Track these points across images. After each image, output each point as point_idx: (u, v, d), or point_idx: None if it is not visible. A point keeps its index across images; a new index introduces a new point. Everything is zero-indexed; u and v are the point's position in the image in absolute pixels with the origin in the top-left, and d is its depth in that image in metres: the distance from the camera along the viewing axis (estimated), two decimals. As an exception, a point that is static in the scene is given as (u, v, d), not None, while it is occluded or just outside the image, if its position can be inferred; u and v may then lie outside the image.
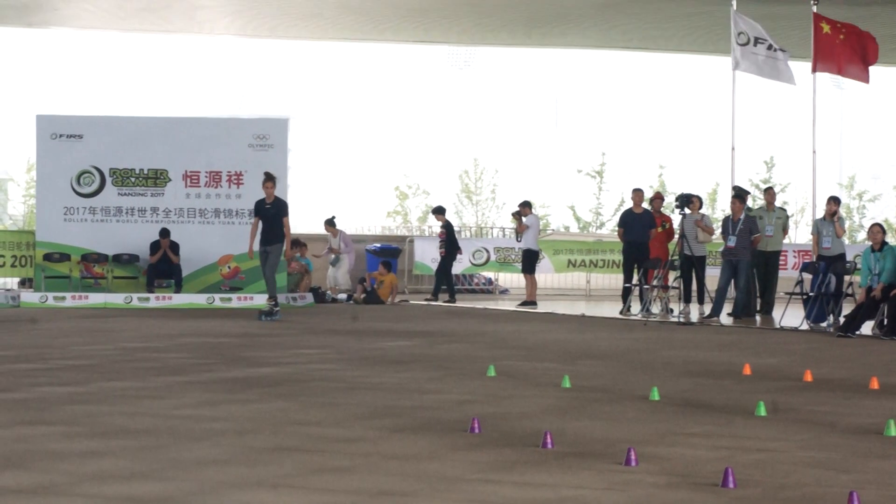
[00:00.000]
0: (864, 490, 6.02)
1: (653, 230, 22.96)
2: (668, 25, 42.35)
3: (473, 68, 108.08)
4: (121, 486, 6.18)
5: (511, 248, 30.11)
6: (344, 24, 41.54)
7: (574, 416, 8.92)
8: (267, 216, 20.03)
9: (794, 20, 29.85)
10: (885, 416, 8.45)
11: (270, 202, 20.07)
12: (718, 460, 6.92)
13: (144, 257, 24.50)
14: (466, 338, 16.75)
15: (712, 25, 38.98)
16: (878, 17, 37.13)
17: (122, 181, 24.81)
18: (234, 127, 25.56)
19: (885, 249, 18.07)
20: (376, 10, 38.48)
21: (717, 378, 11.75)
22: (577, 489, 6.18)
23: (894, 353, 15.29)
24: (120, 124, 25.55)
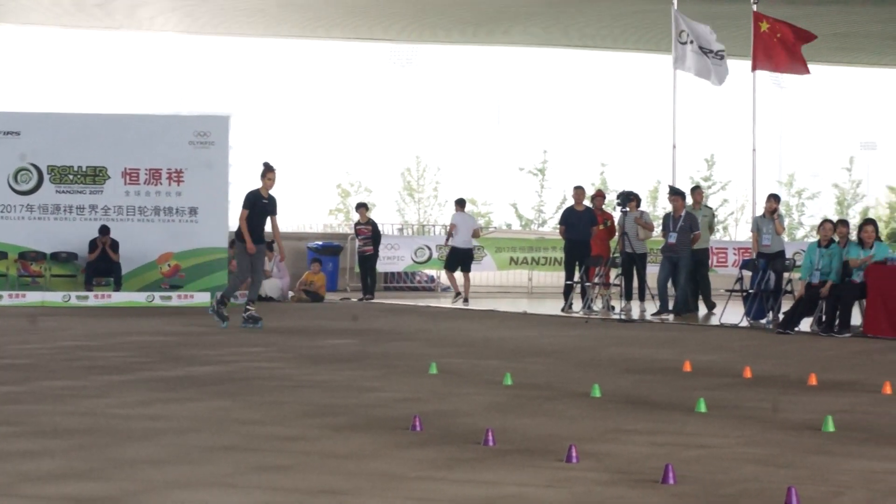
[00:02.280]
0: (802, 485, 6.06)
1: (594, 228, 23.03)
2: (610, 24, 42.57)
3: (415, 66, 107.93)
4: (59, 486, 6.12)
5: (454, 246, 30.05)
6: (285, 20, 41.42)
7: (516, 413, 8.93)
8: (263, 212, 17.89)
9: (734, 19, 30.03)
10: (822, 412, 8.52)
11: (267, 197, 17.92)
12: (659, 457, 6.95)
13: (83, 255, 24.28)
14: (408, 336, 16.74)
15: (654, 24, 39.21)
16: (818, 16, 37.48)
17: (60, 178, 24.57)
18: (175, 124, 25.37)
19: (833, 248, 18.18)
20: (318, 7, 38.40)
21: (657, 375, 11.81)
22: (519, 486, 6.18)
23: (832, 349, 15.44)
24: (58, 121, 25.29)
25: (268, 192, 17.80)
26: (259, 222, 17.84)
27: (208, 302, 19.59)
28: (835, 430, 8.05)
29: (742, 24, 26.47)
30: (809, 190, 63.70)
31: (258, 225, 17.85)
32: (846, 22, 39.91)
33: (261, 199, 17.80)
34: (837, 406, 9.34)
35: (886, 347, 15.81)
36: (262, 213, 17.83)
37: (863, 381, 11.47)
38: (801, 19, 30.18)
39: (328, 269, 28.47)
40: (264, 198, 17.81)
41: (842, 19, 39.29)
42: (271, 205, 17.90)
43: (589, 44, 48.06)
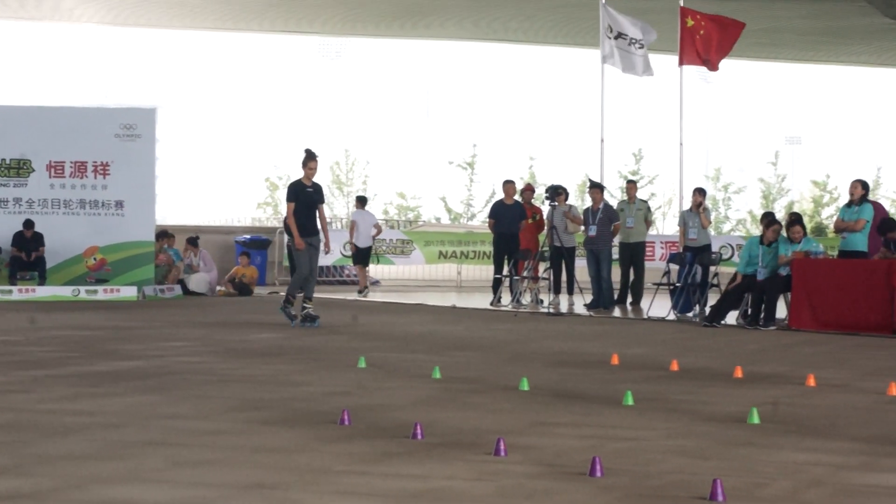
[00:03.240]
0: (727, 477, 6.12)
1: (523, 222, 23.10)
2: (539, 18, 42.69)
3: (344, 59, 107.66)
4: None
5: (382, 240, 30.09)
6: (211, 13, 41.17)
7: (444, 407, 8.93)
8: (309, 202, 16.84)
9: (662, 14, 30.23)
10: (748, 405, 8.60)
11: (311, 185, 16.85)
12: (586, 449, 6.98)
13: (7, 249, 23.97)
14: (336, 329, 16.70)
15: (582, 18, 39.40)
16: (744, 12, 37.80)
17: (-17, 171, 24.24)
18: (101, 116, 25.10)
19: (774, 246, 18.34)
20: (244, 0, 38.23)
21: (585, 368, 11.87)
22: (447, 480, 6.18)
23: (758, 342, 15.59)
24: (-19, 113, 24.95)
25: (311, 180, 16.83)
26: (307, 214, 16.87)
27: (135, 296, 19.29)
28: (760, 422, 8.13)
29: (669, 18, 26.65)
30: (736, 184, 64.32)
31: (307, 217, 16.87)
32: (772, 17, 40.33)
33: (304, 188, 16.81)
34: (762, 398, 9.43)
35: (810, 340, 16.00)
36: (309, 203, 16.85)
37: (787, 373, 11.59)
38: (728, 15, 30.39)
39: (256, 263, 28.36)
40: (308, 186, 16.82)
41: (767, 14, 39.70)
42: (317, 193, 16.94)
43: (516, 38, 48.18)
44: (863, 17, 40.67)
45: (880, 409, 9.12)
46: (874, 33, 43.76)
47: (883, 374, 11.26)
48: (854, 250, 18.63)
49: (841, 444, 7.43)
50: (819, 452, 7.11)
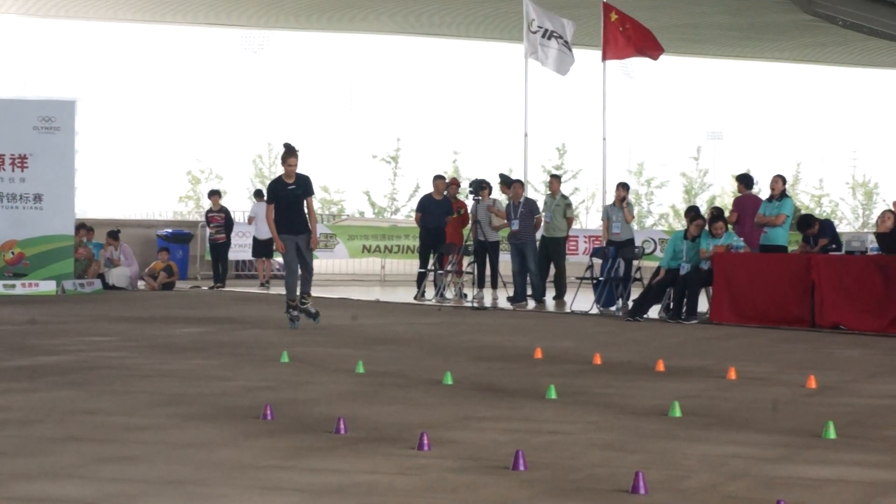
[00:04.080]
0: (649, 470, 6.15)
1: (448, 217, 23.10)
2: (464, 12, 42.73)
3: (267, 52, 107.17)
4: None
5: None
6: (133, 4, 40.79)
7: (368, 401, 8.91)
8: (291, 199, 15.82)
9: (585, 8, 30.39)
10: (670, 398, 8.66)
11: (293, 181, 15.84)
12: (510, 443, 6.99)
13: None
14: (259, 324, 16.62)
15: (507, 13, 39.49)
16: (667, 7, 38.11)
17: None
18: (18, 108, 24.71)
19: (698, 241, 18.49)
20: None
21: (509, 362, 11.89)
22: (370, 474, 6.17)
23: (680, 335, 15.72)
24: None
25: (292, 176, 15.78)
26: (291, 211, 15.80)
27: (54, 290, 18.77)
28: (681, 415, 8.19)
29: (593, 13, 26.79)
30: (658, 179, 64.78)
31: (291, 215, 15.81)
32: (694, 13, 40.69)
33: (285, 186, 15.81)
34: (684, 392, 9.51)
35: (731, 333, 16.15)
36: (292, 200, 15.81)
37: (709, 366, 11.69)
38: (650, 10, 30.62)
39: (178, 257, 28.13)
40: (290, 183, 15.80)
41: (689, 10, 40.05)
42: (301, 187, 15.85)
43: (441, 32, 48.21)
44: (783, 14, 41.14)
45: (800, 401, 9.22)
46: (794, 29, 44.28)
47: (802, 367, 11.38)
48: (774, 245, 18.85)
49: (761, 436, 7.49)
50: (739, 445, 7.17)
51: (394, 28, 47.62)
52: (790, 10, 40.72)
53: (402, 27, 46.78)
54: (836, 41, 47.28)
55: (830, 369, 11.50)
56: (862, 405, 9.03)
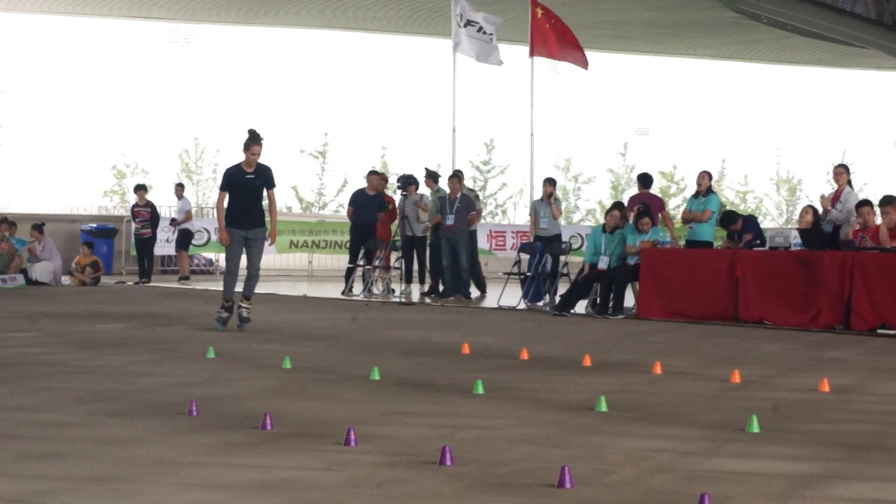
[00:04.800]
0: (575, 464, 6.17)
1: (381, 214, 23.07)
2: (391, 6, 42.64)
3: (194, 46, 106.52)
4: None
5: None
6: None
7: (294, 397, 8.88)
8: (247, 189, 14.69)
9: (512, 4, 30.43)
10: (596, 393, 8.70)
11: (253, 170, 14.67)
12: (437, 438, 6.99)
13: None
14: (186, 320, 16.50)
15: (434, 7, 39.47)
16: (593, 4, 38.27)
17: None
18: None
19: (617, 233, 18.62)
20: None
21: (436, 357, 11.90)
22: (296, 470, 6.14)
23: (606, 330, 15.81)
24: None
25: (252, 166, 14.62)
26: (247, 203, 14.73)
27: None
28: (607, 409, 8.23)
29: (522, 8, 26.85)
30: (585, 174, 65.07)
31: (245, 207, 14.74)
32: (620, 10, 40.88)
33: (243, 174, 14.65)
34: (610, 386, 9.56)
35: (658, 328, 16.27)
36: (249, 191, 14.72)
37: (634, 361, 11.76)
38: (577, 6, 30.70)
39: (103, 252, 27.88)
40: (249, 172, 14.65)
41: (615, 7, 40.23)
42: (260, 178, 14.71)
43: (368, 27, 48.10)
44: (709, 11, 41.46)
45: (724, 395, 9.30)
46: (719, 27, 44.63)
47: (727, 362, 11.49)
48: (700, 240, 19.02)
49: (685, 430, 7.55)
50: (664, 439, 7.22)
51: (321, 22, 47.44)
52: (715, 8, 41.04)
53: (330, 21, 46.61)
54: (761, 38, 47.72)
55: (754, 364, 11.61)
56: (784, 399, 9.13)
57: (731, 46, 50.46)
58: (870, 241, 16.40)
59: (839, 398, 9.20)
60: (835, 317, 15.97)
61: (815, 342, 14.41)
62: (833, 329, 15.88)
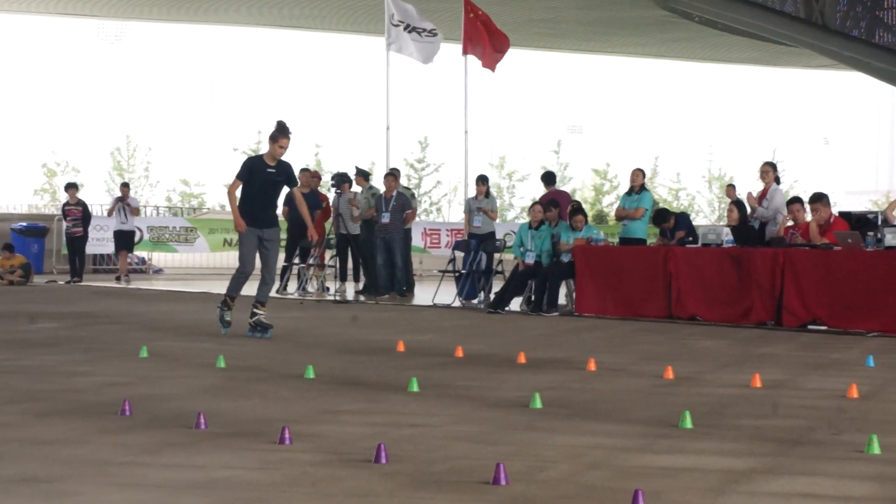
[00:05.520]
0: (510, 461, 6.18)
1: (317, 211, 23.02)
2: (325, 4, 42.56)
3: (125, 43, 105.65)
4: None
5: (165, 227, 29.68)
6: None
7: (228, 396, 8.83)
8: (266, 184, 13.58)
9: (446, 2, 30.48)
10: (530, 390, 8.74)
11: (275, 165, 13.61)
12: (371, 436, 6.98)
13: None
14: (118, 319, 16.37)
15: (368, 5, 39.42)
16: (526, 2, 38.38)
17: None
18: None
19: (543, 229, 18.73)
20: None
21: (371, 355, 11.89)
22: (230, 469, 6.11)
23: (540, 328, 15.86)
24: None
25: (276, 159, 13.58)
26: (264, 199, 13.65)
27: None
28: (542, 406, 8.26)
29: (454, 6, 26.90)
30: (519, 172, 65.31)
31: (262, 203, 13.65)
32: (552, 8, 41.07)
33: (265, 167, 13.54)
34: (545, 383, 9.59)
35: (592, 325, 16.35)
36: (268, 186, 13.60)
37: (569, 358, 11.81)
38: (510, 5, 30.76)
39: (33, 252, 27.61)
40: (270, 165, 13.57)
41: (548, 5, 40.40)
42: (282, 174, 13.64)
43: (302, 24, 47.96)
44: (641, 9, 41.75)
45: (657, 392, 9.36)
46: (652, 25, 44.97)
47: (660, 358, 11.57)
48: (634, 237, 19.14)
49: (619, 427, 7.59)
50: (598, 435, 7.25)
51: (254, 20, 47.25)
52: (647, 6, 41.35)
53: (265, 19, 46.44)
54: (693, 37, 48.15)
55: (687, 360, 11.71)
56: (717, 395, 9.20)
57: (663, 45, 50.87)
58: (800, 238, 16.59)
59: (770, 393, 9.29)
60: (766, 313, 16.13)
61: (747, 338, 14.55)
62: (764, 325, 16.05)
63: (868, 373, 10.80)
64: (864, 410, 8.45)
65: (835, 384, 9.80)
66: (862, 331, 15.02)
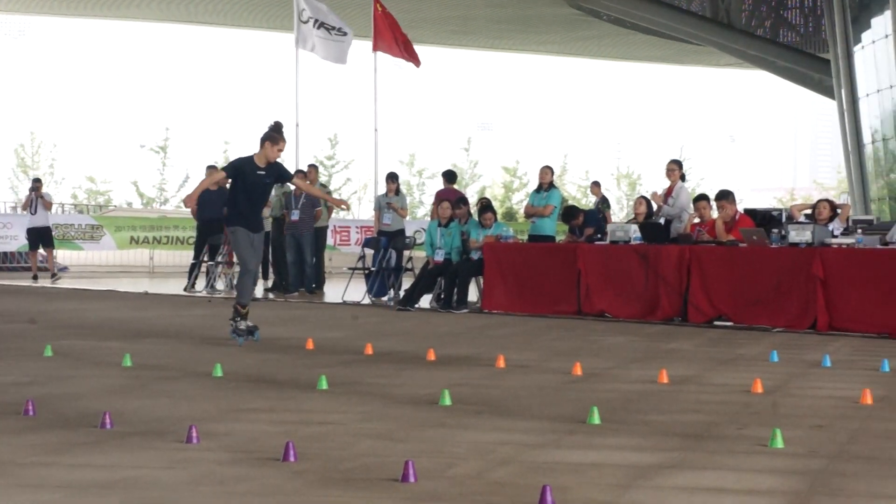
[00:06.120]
0: (419, 458, 6.21)
1: (226, 208, 22.89)
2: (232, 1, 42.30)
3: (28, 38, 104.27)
4: None
5: (71, 225, 29.32)
6: None
7: (135, 395, 8.76)
8: (255, 187, 12.86)
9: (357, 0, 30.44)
10: (440, 386, 8.77)
11: (265, 166, 12.82)
12: (280, 434, 6.97)
13: None
14: (21, 317, 16.15)
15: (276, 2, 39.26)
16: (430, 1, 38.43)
17: None
18: None
19: (452, 226, 18.79)
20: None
21: (280, 353, 11.86)
22: (137, 469, 6.06)
23: (450, 325, 15.90)
24: None
25: (267, 162, 12.81)
26: (252, 202, 12.94)
27: None
28: (451, 403, 8.29)
29: (364, 3, 26.85)
30: (430, 169, 65.39)
31: (250, 206, 12.95)
32: (462, 5, 41.18)
33: (254, 169, 12.78)
34: (454, 380, 9.62)
35: (501, 322, 16.42)
36: (257, 188, 12.88)
37: (478, 355, 11.85)
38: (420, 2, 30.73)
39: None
40: (260, 168, 12.80)
41: (458, 3, 40.50)
42: (271, 176, 12.93)
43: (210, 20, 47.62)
44: (550, 7, 42.00)
45: (565, 388, 9.43)
46: (561, 23, 45.26)
47: (569, 355, 11.66)
48: (543, 234, 19.25)
49: (528, 423, 7.64)
50: (507, 432, 7.29)
51: (163, 16, 46.83)
52: (557, 5, 41.60)
53: (173, 15, 46.05)
54: (601, 35, 48.53)
55: (595, 356, 11.80)
56: (624, 391, 9.29)
57: (572, 43, 51.20)
58: (706, 235, 16.79)
59: (677, 389, 9.40)
60: (673, 309, 16.30)
61: (655, 334, 14.70)
62: (671, 321, 16.22)
63: (772, 368, 10.95)
64: (767, 405, 8.58)
65: (740, 379, 9.94)
66: (766, 326, 15.24)
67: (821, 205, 16.80)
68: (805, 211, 17.89)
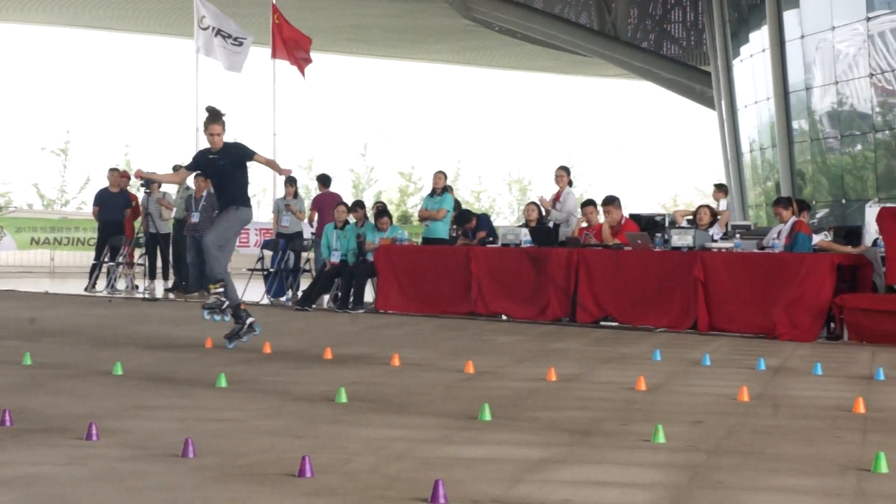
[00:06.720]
0: (316, 454, 6.32)
1: (127, 210, 22.92)
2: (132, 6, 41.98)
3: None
4: None
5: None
6: None
7: (35, 393, 8.79)
8: (213, 171, 12.88)
9: (256, 6, 30.41)
10: (336, 384, 8.91)
11: (218, 151, 12.81)
12: (179, 431, 7.05)
13: None
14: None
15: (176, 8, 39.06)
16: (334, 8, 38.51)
17: None
18: None
19: (348, 229, 18.97)
20: None
21: (180, 352, 11.92)
22: (35, 465, 6.10)
23: (347, 324, 16.05)
24: None
25: (216, 146, 12.76)
26: (215, 185, 13.04)
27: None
28: (347, 400, 8.42)
29: (263, 11, 26.90)
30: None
31: (215, 189, 13.13)
32: (358, 14, 41.27)
33: (206, 154, 12.87)
34: (350, 378, 9.78)
35: (397, 322, 16.60)
36: (214, 171, 12.84)
37: (374, 354, 12.01)
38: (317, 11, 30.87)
39: None
40: (212, 152, 12.78)
41: (354, 12, 40.59)
42: (225, 158, 12.72)
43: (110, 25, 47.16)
44: (444, 18, 42.28)
45: (458, 385, 9.62)
46: (455, 33, 45.56)
47: (462, 354, 11.86)
48: (437, 237, 19.48)
49: (422, 419, 7.80)
50: (402, 428, 7.44)
51: (62, 20, 46.29)
52: (450, 15, 41.89)
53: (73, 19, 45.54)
54: (493, 45, 48.88)
55: (486, 355, 12.00)
56: (514, 388, 9.50)
57: (466, 52, 51.51)
58: (593, 239, 17.18)
59: (564, 386, 9.63)
60: (562, 310, 16.65)
61: (544, 334, 14.97)
62: (560, 321, 16.55)
63: (655, 366, 11.25)
64: (650, 402, 8.85)
65: (624, 377, 10.20)
66: (650, 326, 15.66)
67: (702, 210, 17.30)
68: (687, 216, 18.41)
